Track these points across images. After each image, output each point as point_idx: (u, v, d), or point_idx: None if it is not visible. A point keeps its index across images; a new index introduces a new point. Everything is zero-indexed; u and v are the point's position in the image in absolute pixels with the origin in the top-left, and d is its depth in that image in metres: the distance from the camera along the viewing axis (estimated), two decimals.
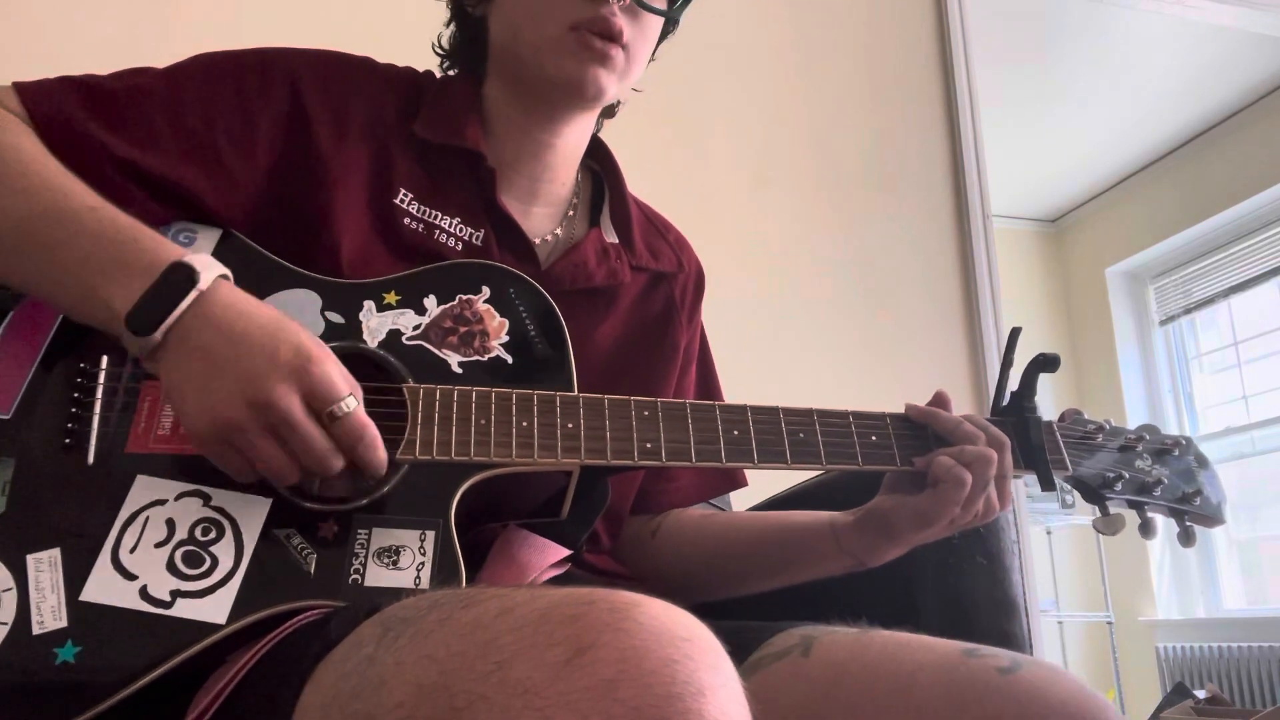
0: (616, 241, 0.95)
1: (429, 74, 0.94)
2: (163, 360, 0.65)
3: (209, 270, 0.66)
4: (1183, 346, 4.84)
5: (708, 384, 1.06)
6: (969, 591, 1.01)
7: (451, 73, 0.96)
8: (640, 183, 1.01)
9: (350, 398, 0.65)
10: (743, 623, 0.78)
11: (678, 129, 2.15)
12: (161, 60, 0.84)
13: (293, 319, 0.68)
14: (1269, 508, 4.34)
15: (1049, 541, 4.51)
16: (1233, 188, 4.36)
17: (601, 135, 1.01)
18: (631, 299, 0.96)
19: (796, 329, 2.18)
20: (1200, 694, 2.86)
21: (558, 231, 0.93)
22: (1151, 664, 4.45)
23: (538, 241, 0.90)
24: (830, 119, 2.34)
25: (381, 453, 0.67)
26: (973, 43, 2.48)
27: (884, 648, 0.73)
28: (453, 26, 0.96)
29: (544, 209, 0.93)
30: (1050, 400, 0.85)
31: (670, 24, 0.93)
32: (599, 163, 1.00)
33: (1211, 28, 3.44)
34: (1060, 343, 5.12)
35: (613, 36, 0.83)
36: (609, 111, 1.00)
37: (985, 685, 0.67)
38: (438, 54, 0.97)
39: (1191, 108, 4.31)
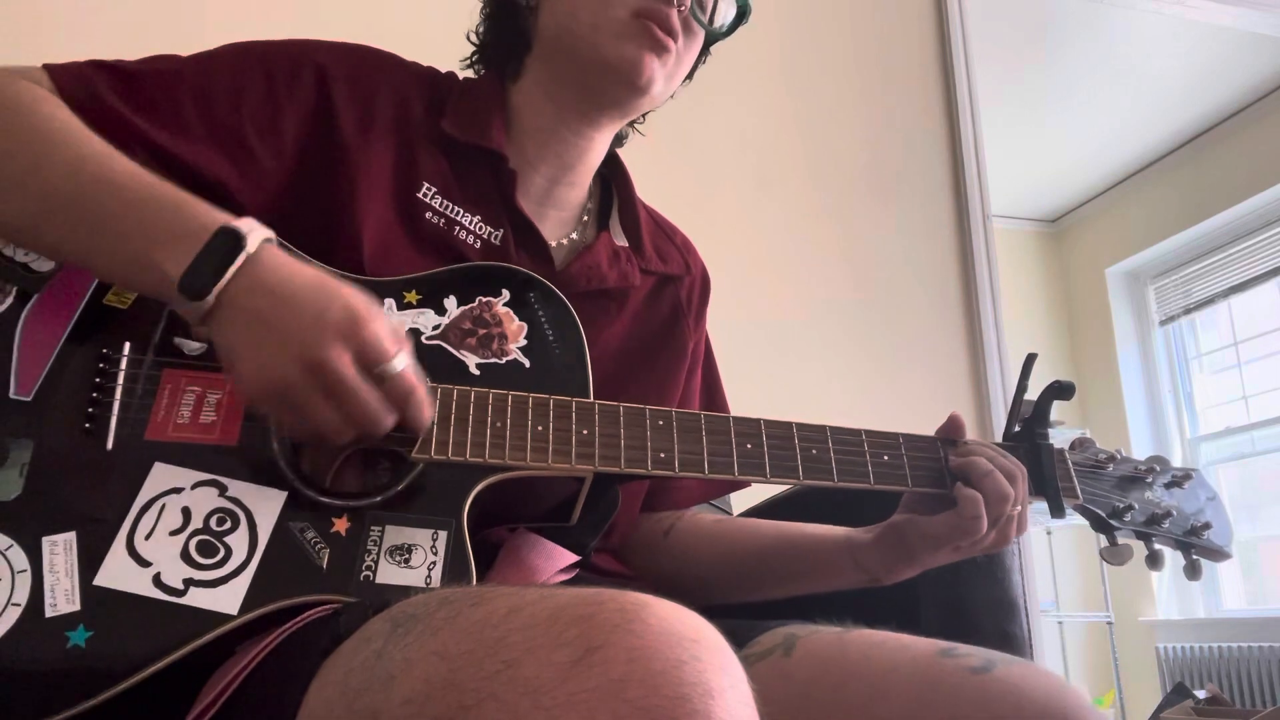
0: (626, 245, 0.96)
1: (451, 74, 0.94)
2: (215, 324, 0.65)
3: (255, 234, 0.66)
4: (1183, 347, 4.84)
5: (712, 391, 1.06)
6: (969, 591, 1.01)
7: (479, 70, 0.97)
8: (640, 185, 1.02)
9: (400, 355, 0.65)
10: (732, 621, 0.77)
11: (678, 130, 2.15)
12: (179, 50, 0.83)
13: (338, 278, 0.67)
14: (1269, 508, 4.34)
15: (1049, 541, 4.51)
16: (1233, 188, 4.36)
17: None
18: (640, 302, 0.96)
19: (796, 329, 2.18)
20: (1200, 694, 2.86)
21: (573, 236, 0.94)
22: (1151, 664, 4.45)
23: (553, 245, 0.91)
24: (830, 120, 2.34)
25: (428, 413, 0.68)
26: (973, 43, 2.48)
27: (862, 648, 0.74)
28: (488, 20, 0.96)
29: (560, 213, 0.94)
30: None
31: (702, 55, 0.95)
32: (608, 168, 1.01)
33: (1211, 28, 3.45)
34: (1060, 343, 5.12)
35: (672, 31, 0.85)
36: (618, 140, 1.00)
37: (957, 685, 0.68)
38: (472, 42, 0.97)
39: (1191, 108, 4.31)
